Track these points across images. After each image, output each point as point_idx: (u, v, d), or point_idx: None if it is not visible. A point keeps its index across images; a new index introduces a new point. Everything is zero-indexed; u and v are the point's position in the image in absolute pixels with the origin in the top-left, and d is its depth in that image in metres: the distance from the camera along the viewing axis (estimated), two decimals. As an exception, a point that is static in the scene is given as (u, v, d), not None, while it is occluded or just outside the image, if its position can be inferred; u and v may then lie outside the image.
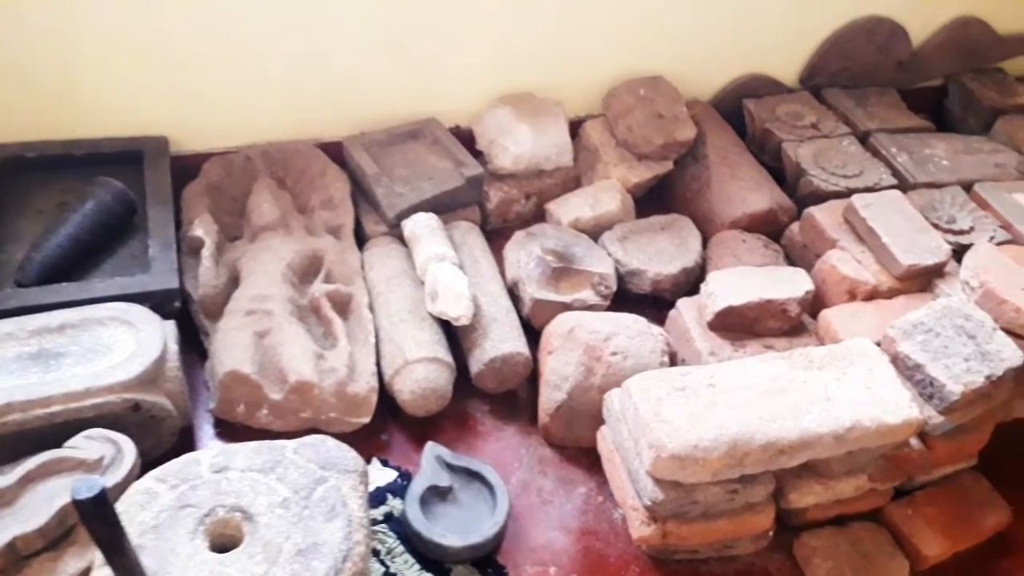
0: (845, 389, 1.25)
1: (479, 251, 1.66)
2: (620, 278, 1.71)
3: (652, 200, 1.97)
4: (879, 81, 2.24)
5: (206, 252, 1.52)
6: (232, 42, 1.64)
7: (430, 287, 1.51)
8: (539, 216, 1.89)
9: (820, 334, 1.54)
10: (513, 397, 1.55)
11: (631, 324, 1.47)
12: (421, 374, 1.41)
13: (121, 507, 1.05)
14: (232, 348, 1.40)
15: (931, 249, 1.59)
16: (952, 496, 1.44)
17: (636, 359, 1.41)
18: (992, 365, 1.35)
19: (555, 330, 1.47)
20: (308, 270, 1.57)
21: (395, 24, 1.72)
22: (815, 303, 1.62)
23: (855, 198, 1.68)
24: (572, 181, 1.94)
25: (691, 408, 1.20)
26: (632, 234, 1.80)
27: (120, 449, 1.18)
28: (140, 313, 1.34)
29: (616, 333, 1.44)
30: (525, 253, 1.63)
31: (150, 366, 1.27)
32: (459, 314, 1.47)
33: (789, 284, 1.55)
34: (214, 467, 1.09)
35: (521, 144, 1.80)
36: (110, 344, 1.30)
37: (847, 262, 1.60)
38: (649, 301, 1.74)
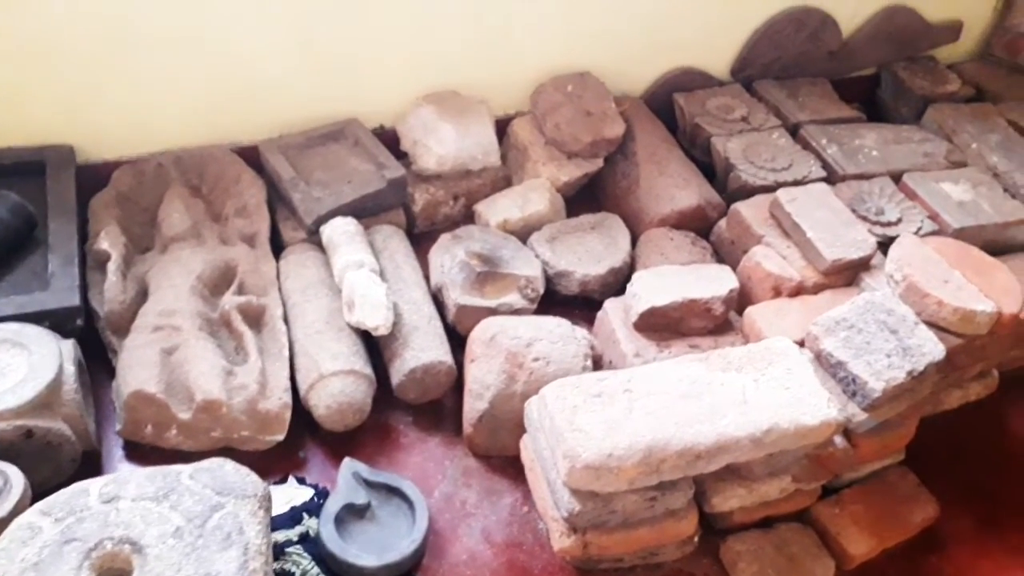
0: (763, 391, 1.23)
1: (402, 256, 1.62)
2: (548, 280, 1.68)
3: (583, 198, 1.94)
4: (811, 72, 2.24)
5: (112, 266, 1.46)
6: (141, 44, 1.57)
7: (347, 296, 1.46)
8: (468, 218, 1.85)
9: (746, 332, 1.52)
10: (438, 407, 1.51)
11: (555, 328, 1.43)
12: (337, 388, 1.37)
13: (2, 544, 0.99)
14: (138, 367, 1.34)
15: (856, 243, 1.58)
16: (879, 493, 1.43)
17: (559, 364, 1.38)
18: (914, 360, 1.34)
19: (478, 337, 1.44)
20: (220, 281, 1.51)
21: (309, 22, 1.67)
22: (742, 300, 1.60)
23: (780, 192, 1.66)
24: (502, 181, 1.90)
25: (607, 415, 1.17)
26: (561, 234, 1.77)
27: (8, 480, 1.12)
28: (34, 334, 1.28)
29: (539, 338, 1.41)
30: (449, 257, 1.59)
31: (43, 390, 1.21)
32: (377, 324, 1.42)
33: (714, 282, 1.53)
34: (104, 497, 1.04)
35: (445, 144, 1.76)
36: (1, 368, 1.24)
37: (771, 258, 1.58)
38: (579, 302, 1.71)
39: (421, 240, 1.75)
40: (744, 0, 2.07)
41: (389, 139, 1.83)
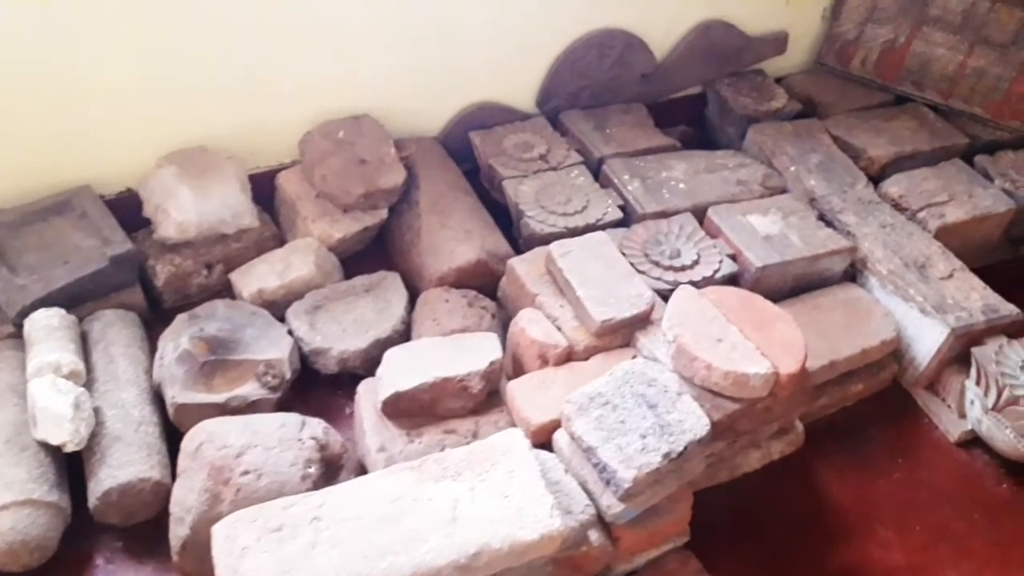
0: (479, 502, 1.05)
1: (120, 348, 1.41)
2: (305, 359, 1.49)
3: (370, 255, 1.76)
4: (625, 97, 2.09)
5: None
6: None
7: (30, 408, 1.25)
8: (231, 287, 1.65)
9: (508, 410, 1.36)
10: (154, 527, 1.30)
11: (276, 430, 1.24)
12: (7, 523, 1.15)
13: None
14: None
15: (631, 299, 1.43)
16: (655, 585, 1.28)
17: (273, 477, 1.19)
18: (672, 440, 1.18)
19: (184, 447, 1.23)
20: None
21: (29, 73, 1.44)
22: (517, 369, 1.44)
23: (554, 246, 1.50)
24: (270, 242, 1.70)
25: (283, 555, 0.98)
26: (328, 301, 1.58)
27: None
28: None
29: (253, 445, 1.21)
30: (173, 347, 1.39)
31: None
32: (62, 440, 1.21)
33: (474, 355, 1.36)
34: None
35: (183, 210, 1.55)
36: None
37: (538, 323, 1.42)
38: (350, 380, 1.51)
39: (170, 317, 1.54)
40: (541, 28, 1.91)
41: (135, 205, 1.62)
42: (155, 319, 1.57)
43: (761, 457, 1.47)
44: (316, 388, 1.52)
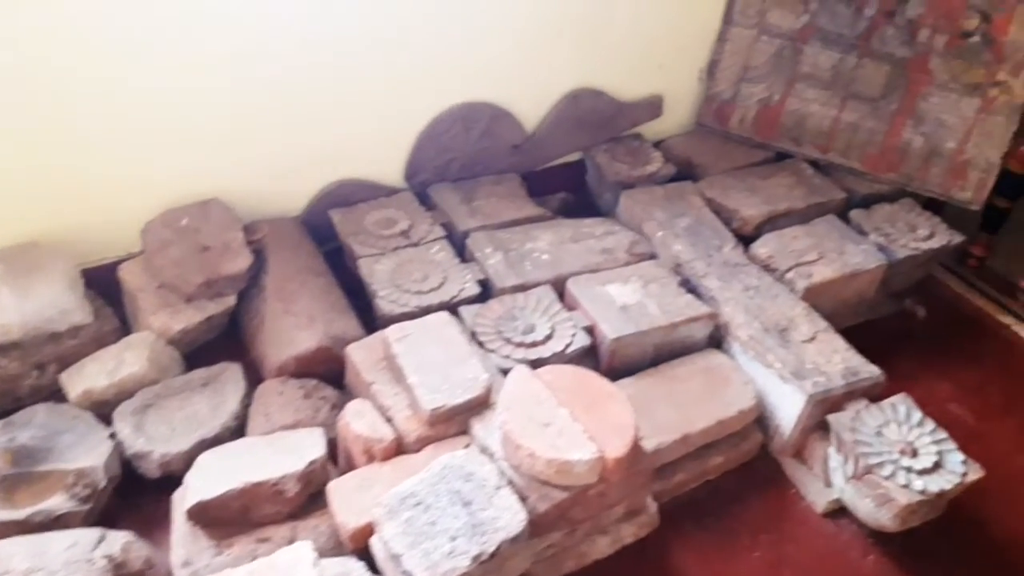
0: (251, 629, 0.97)
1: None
2: (129, 463, 1.41)
3: (220, 344, 1.69)
4: (498, 167, 2.07)
5: None
6: None
7: None
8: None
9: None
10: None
11: (63, 551, 1.16)
12: None
13: None
14: None
15: (465, 383, 1.37)
16: None
17: (54, 603, 1.10)
18: (483, 541, 1.12)
19: (-35, 573, 1.14)
20: None
21: None
22: (349, 465, 1.37)
23: (390, 330, 1.45)
24: (112, 336, 1.63)
25: None
26: (160, 399, 1.51)
27: None
28: None
29: (36, 569, 1.13)
30: (-25, 460, 1.30)
31: None
32: None
33: (293, 455, 1.29)
34: None
35: (4, 311, 1.48)
36: None
37: (363, 416, 1.35)
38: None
39: None
40: (402, 104, 1.89)
41: (-36, 305, 1.54)
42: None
43: (611, 542, 1.40)
44: (145, 494, 1.43)
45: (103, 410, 1.48)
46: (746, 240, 1.93)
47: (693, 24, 2.18)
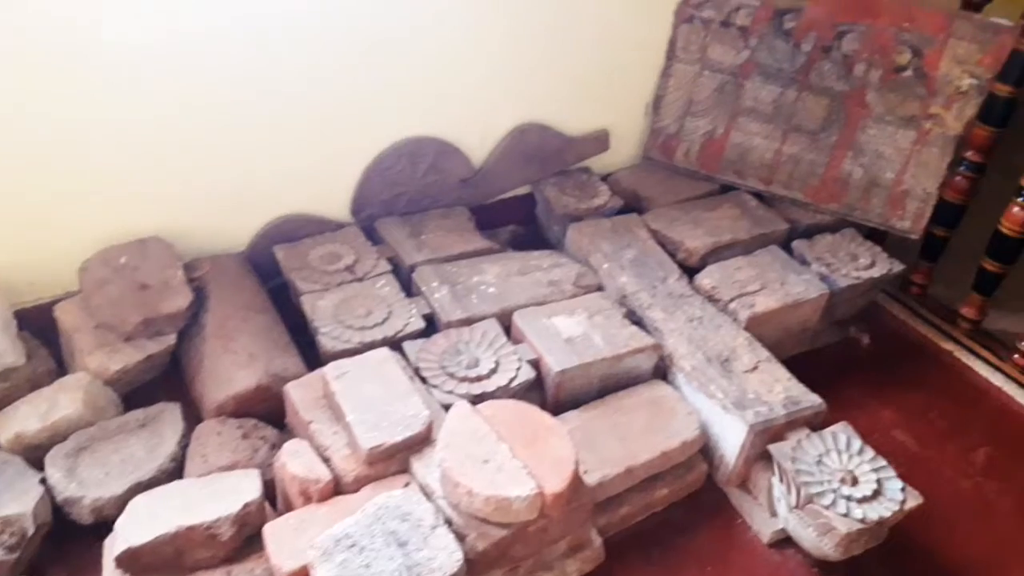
0: None
1: None
2: (59, 509, 1.37)
3: (162, 384, 1.66)
4: (447, 201, 2.08)
5: None
6: None
7: None
8: (-3, 431, 1.52)
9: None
10: None
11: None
12: None
13: None
14: None
15: (405, 420, 1.36)
16: None
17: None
18: (418, 582, 1.10)
19: None
20: None
21: None
22: (287, 507, 1.34)
23: (328, 368, 1.43)
24: (47, 377, 1.59)
25: None
26: (96, 442, 1.47)
27: None
28: None
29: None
30: None
31: None
32: None
33: (228, 497, 1.26)
34: None
35: (-69, 355, 1.44)
36: None
37: (300, 456, 1.33)
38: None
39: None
40: (347, 139, 1.89)
41: None
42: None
43: (556, 579, 1.39)
44: (77, 541, 1.39)
45: (36, 454, 1.44)
46: (691, 271, 1.95)
47: (638, 60, 2.22)
